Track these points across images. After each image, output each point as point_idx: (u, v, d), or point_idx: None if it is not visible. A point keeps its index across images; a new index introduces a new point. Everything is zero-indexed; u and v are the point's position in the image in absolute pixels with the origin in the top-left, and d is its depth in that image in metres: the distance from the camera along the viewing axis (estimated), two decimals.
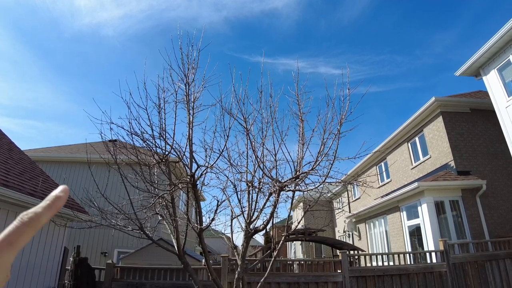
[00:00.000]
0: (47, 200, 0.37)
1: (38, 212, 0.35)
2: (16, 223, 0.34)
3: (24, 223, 0.34)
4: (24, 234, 0.33)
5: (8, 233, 0.33)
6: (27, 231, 0.34)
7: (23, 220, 0.34)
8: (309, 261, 9.14)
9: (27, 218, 0.34)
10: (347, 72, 4.77)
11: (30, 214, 0.35)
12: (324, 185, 4.90)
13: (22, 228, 0.33)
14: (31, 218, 0.34)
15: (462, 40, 50.07)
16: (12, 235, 0.33)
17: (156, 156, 4.78)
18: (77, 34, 36.33)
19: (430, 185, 11.32)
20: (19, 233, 0.33)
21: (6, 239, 0.33)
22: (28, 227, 0.34)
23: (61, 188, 0.38)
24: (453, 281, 8.48)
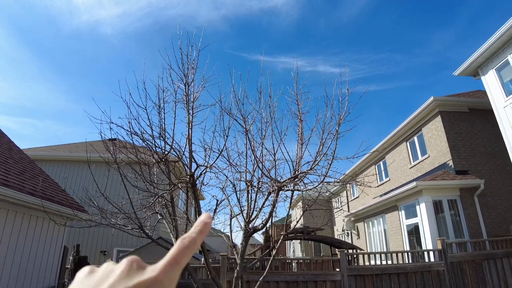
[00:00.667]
0: (197, 226, 0.41)
1: (193, 237, 0.40)
2: (179, 245, 0.38)
3: (185, 246, 0.38)
4: (185, 255, 0.38)
5: (175, 254, 0.37)
6: (187, 252, 0.38)
7: (185, 244, 0.38)
8: (308, 259, 9.18)
9: (187, 242, 0.38)
10: (346, 72, 4.81)
11: (189, 239, 0.39)
12: (323, 185, 4.93)
13: (184, 251, 0.38)
14: (190, 242, 0.39)
15: (461, 39, 50.10)
16: (178, 255, 0.37)
17: (155, 156, 4.81)
18: (75, 32, 36.26)
19: (429, 184, 11.37)
20: (182, 255, 0.37)
21: (174, 258, 0.37)
22: (188, 249, 0.38)
23: (206, 215, 0.43)
24: (451, 280, 8.53)
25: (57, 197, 8.02)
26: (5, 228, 6.48)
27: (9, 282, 6.50)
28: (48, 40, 37.16)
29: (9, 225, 6.61)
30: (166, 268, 0.36)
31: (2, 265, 6.35)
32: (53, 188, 8.58)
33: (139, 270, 0.35)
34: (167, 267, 0.36)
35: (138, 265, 0.36)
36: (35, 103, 53.16)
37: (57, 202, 7.59)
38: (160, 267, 0.36)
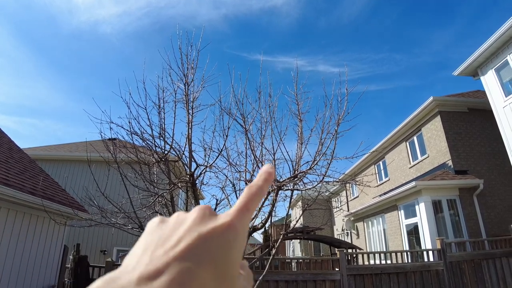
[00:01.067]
0: (262, 175, 0.41)
1: (260, 185, 0.39)
2: (248, 192, 0.38)
3: (254, 193, 0.38)
4: (254, 202, 0.37)
5: (245, 200, 0.37)
6: (256, 199, 0.37)
7: (253, 191, 0.38)
8: (308, 259, 9.21)
9: (255, 189, 0.38)
10: (346, 71, 4.83)
11: (256, 186, 0.39)
12: (322, 184, 4.95)
13: (253, 197, 0.37)
14: (258, 188, 0.38)
15: (461, 38, 50.13)
16: (248, 202, 0.37)
17: (155, 155, 4.83)
18: (75, 32, 36.26)
19: (428, 184, 11.39)
20: (252, 201, 0.37)
21: (245, 204, 0.36)
22: (256, 196, 0.38)
23: (268, 166, 0.42)
24: (450, 280, 8.55)
25: (58, 196, 8.04)
26: (5, 227, 6.50)
27: (10, 281, 6.52)
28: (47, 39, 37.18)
29: (10, 225, 6.63)
30: (238, 213, 0.35)
31: (3, 264, 6.37)
32: (53, 187, 8.60)
33: (211, 217, 0.35)
34: (239, 213, 0.35)
35: (210, 212, 0.36)
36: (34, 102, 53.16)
37: (57, 201, 7.62)
38: (233, 213, 0.35)
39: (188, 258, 0.30)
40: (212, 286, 0.30)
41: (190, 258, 0.30)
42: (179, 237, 0.32)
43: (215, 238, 0.32)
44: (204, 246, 0.31)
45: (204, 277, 0.30)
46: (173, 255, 0.30)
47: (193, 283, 0.29)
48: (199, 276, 0.29)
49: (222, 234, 0.33)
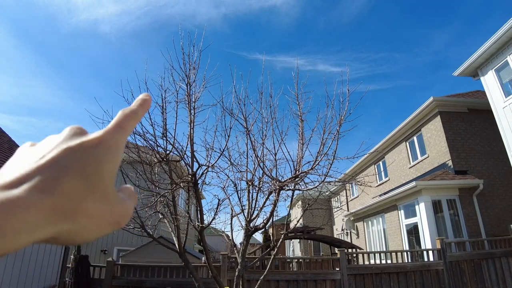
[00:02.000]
0: (138, 101, 0.41)
1: (134, 109, 0.40)
2: (121, 114, 0.38)
3: (127, 115, 0.38)
4: (129, 122, 0.38)
5: (118, 120, 0.37)
6: (130, 119, 0.38)
7: (126, 113, 0.38)
8: (308, 259, 9.23)
9: (129, 111, 0.39)
10: (347, 71, 4.84)
11: (129, 109, 0.39)
12: (323, 184, 4.97)
13: (127, 118, 0.38)
14: (132, 110, 0.39)
15: (460, 38, 50.24)
16: (122, 121, 0.37)
17: (157, 155, 4.84)
18: (74, 31, 36.28)
19: (428, 184, 11.42)
20: (126, 120, 0.37)
21: (118, 123, 0.37)
22: (131, 117, 0.38)
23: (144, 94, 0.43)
24: (450, 279, 8.58)
25: None
26: None
27: (11, 281, 6.53)
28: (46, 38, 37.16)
29: None
30: (110, 130, 0.36)
31: (4, 264, 6.38)
32: None
33: (82, 134, 0.35)
34: (112, 130, 0.36)
35: (82, 131, 0.36)
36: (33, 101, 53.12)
37: None
38: (104, 129, 0.36)
39: (54, 167, 0.30)
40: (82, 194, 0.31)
41: (56, 167, 0.30)
42: (47, 151, 0.32)
43: (84, 151, 0.32)
44: (72, 157, 0.31)
45: (73, 185, 0.30)
46: (37, 165, 0.30)
47: (58, 189, 0.29)
48: (66, 184, 0.30)
49: (91, 148, 0.33)
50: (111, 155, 0.34)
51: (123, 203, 0.36)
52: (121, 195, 0.37)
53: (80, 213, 0.30)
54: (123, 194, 0.37)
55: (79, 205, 0.30)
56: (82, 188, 0.31)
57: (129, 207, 0.37)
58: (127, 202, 0.37)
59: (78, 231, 0.31)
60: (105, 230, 0.34)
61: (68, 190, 0.30)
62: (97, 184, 0.32)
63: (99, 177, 0.32)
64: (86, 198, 0.31)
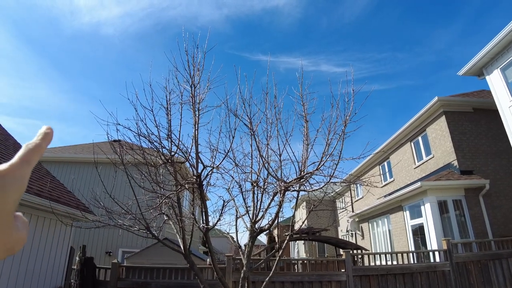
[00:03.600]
0: (40, 135, 0.44)
1: (38, 142, 0.42)
2: (25, 149, 0.41)
3: (32, 149, 0.41)
4: (33, 155, 0.41)
5: (23, 154, 0.40)
6: (34, 153, 0.41)
7: (30, 147, 0.41)
8: (313, 260, 9.19)
9: (32, 145, 0.41)
10: (351, 71, 4.82)
11: (33, 143, 0.42)
12: (329, 185, 4.95)
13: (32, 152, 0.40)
14: (35, 145, 0.42)
15: (464, 37, 49.92)
16: (27, 155, 0.40)
17: (162, 157, 4.85)
18: (77, 33, 36.52)
19: (433, 184, 11.34)
20: (31, 155, 0.40)
21: (23, 157, 0.39)
22: (34, 151, 0.41)
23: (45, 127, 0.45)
24: (457, 280, 8.51)
25: (64, 198, 8.09)
26: None
27: (17, 282, 6.56)
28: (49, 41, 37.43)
29: None
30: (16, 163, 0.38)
31: (10, 265, 6.42)
32: (60, 189, 8.65)
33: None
34: (17, 163, 0.38)
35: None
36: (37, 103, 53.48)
37: (63, 203, 7.66)
38: (10, 163, 0.38)
39: None
40: None
41: None
42: None
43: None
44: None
45: None
46: None
47: None
48: None
49: None
50: (17, 185, 0.37)
51: (19, 231, 0.39)
52: (18, 222, 0.39)
53: None
54: (20, 221, 0.40)
55: None
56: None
57: (24, 235, 0.40)
58: (24, 230, 0.40)
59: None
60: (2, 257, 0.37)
61: None
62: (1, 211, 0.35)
63: (3, 205, 0.35)
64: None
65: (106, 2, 33.69)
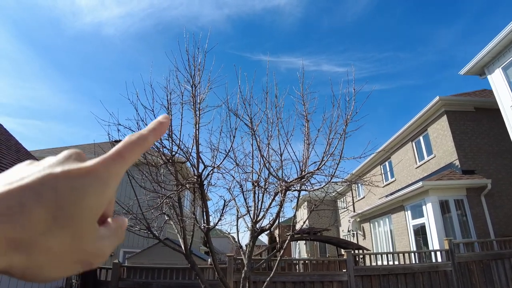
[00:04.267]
0: (152, 125, 0.38)
1: (144, 134, 0.36)
2: (126, 141, 0.35)
3: (133, 142, 0.35)
4: (133, 151, 0.34)
5: (119, 148, 0.34)
6: (136, 149, 0.35)
7: (132, 139, 0.35)
8: (314, 260, 9.17)
9: (135, 137, 0.35)
10: (352, 71, 4.81)
11: (138, 134, 0.36)
12: (330, 185, 4.94)
13: (131, 146, 0.34)
14: (139, 137, 0.35)
15: (466, 36, 49.87)
16: (124, 150, 0.34)
17: (163, 157, 4.85)
18: (78, 33, 36.66)
19: (435, 184, 11.31)
20: (129, 149, 0.34)
21: (118, 152, 0.33)
22: (137, 145, 0.35)
23: (163, 115, 0.39)
24: (458, 280, 8.48)
25: None
26: None
27: (18, 283, 6.56)
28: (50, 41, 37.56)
29: None
30: (106, 160, 0.32)
31: None
32: None
33: (77, 161, 0.32)
34: (108, 160, 0.32)
35: (77, 156, 0.33)
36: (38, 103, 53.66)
37: None
38: (100, 158, 0.32)
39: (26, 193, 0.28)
40: (48, 227, 0.28)
41: (28, 193, 0.28)
42: (31, 173, 0.30)
43: (68, 180, 0.29)
44: (51, 184, 0.29)
45: (39, 215, 0.27)
46: (9, 188, 0.28)
47: (20, 217, 0.26)
48: (31, 213, 0.27)
49: (76, 178, 0.30)
50: (99, 188, 0.31)
51: (101, 241, 0.32)
52: (104, 231, 0.33)
53: (39, 248, 0.27)
54: (108, 230, 0.33)
55: (40, 239, 0.27)
56: (49, 220, 0.28)
57: (107, 247, 0.33)
58: (108, 241, 0.33)
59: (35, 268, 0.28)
60: (72, 270, 0.30)
61: (32, 220, 0.27)
62: (71, 218, 0.29)
63: (76, 210, 0.29)
64: (51, 232, 0.28)
65: (107, 3, 33.79)
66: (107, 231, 0.33)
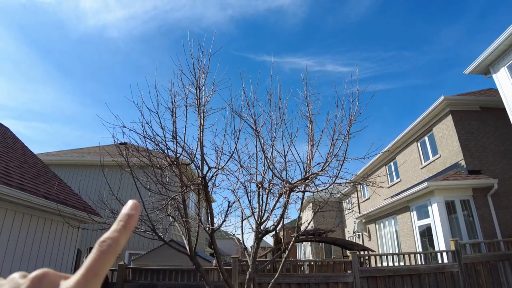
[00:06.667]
0: (120, 221, 0.35)
1: (115, 237, 0.34)
2: (96, 253, 0.32)
3: (104, 252, 0.33)
4: (106, 263, 0.33)
5: (91, 264, 0.32)
6: (106, 260, 0.33)
7: (103, 249, 0.33)
8: (320, 262, 9.15)
9: (106, 246, 0.33)
10: (356, 71, 4.80)
11: (109, 241, 0.33)
12: (334, 186, 4.93)
13: (103, 258, 0.32)
14: (110, 245, 0.33)
15: (471, 34, 49.44)
16: (96, 265, 0.32)
17: (168, 159, 4.87)
18: (82, 36, 36.90)
19: (440, 184, 11.24)
20: (102, 263, 0.32)
21: (91, 270, 0.31)
22: (109, 255, 0.33)
23: (131, 205, 0.37)
24: (465, 282, 8.41)
25: (71, 200, 8.16)
26: (20, 231, 6.62)
27: None
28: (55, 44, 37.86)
29: (25, 228, 6.75)
30: (80, 284, 0.30)
31: (18, 267, 6.48)
32: (66, 192, 8.73)
33: None
34: (82, 283, 0.30)
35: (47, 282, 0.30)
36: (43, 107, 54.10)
37: (70, 205, 7.73)
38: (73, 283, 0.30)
39: None
40: None
41: None
42: None
43: None
44: None
45: None
46: None
47: None
48: None
49: None
50: None
51: None
52: None
53: None
54: None
55: None
56: None
57: None
58: None
59: None
60: None
61: None
62: None
63: None
64: None
65: (111, 5, 34.02)
66: None
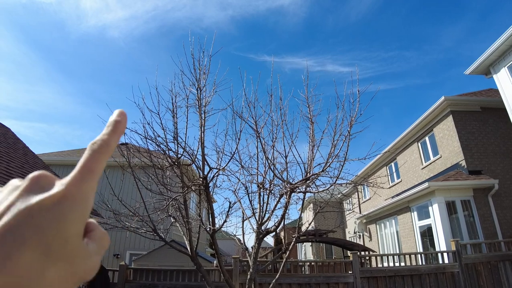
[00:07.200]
0: (109, 126, 0.35)
1: (105, 139, 0.34)
2: (89, 152, 0.32)
3: (97, 151, 0.33)
4: (99, 160, 0.32)
5: (85, 162, 0.32)
6: (102, 158, 0.33)
7: (95, 148, 0.33)
8: (320, 262, 9.16)
9: (97, 146, 0.33)
10: (356, 71, 4.81)
11: (99, 142, 0.33)
12: (335, 186, 4.94)
13: (96, 155, 0.32)
14: (101, 145, 0.33)
15: (472, 34, 49.46)
16: (89, 162, 0.32)
17: (169, 159, 4.89)
18: (83, 37, 37.01)
19: (441, 185, 11.24)
20: (95, 160, 0.32)
21: (85, 166, 0.31)
22: (102, 154, 0.33)
23: (118, 113, 0.37)
24: (466, 282, 8.41)
25: None
26: None
27: None
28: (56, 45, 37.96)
29: None
30: (76, 179, 0.30)
31: None
32: None
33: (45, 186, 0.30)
34: (77, 178, 0.30)
35: (46, 181, 0.31)
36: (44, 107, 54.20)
37: None
38: (70, 179, 0.30)
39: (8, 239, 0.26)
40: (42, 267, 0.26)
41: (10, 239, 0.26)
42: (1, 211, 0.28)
43: (44, 212, 0.28)
44: (30, 222, 0.27)
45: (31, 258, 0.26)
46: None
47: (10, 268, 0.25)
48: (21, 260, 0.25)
49: (53, 207, 0.28)
50: (78, 210, 0.30)
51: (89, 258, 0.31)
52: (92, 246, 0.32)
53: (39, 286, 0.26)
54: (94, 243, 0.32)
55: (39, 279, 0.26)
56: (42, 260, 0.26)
57: (97, 260, 0.32)
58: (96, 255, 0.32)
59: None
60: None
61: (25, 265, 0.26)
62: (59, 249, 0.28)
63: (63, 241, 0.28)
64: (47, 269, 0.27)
65: (112, 5, 34.07)
66: (94, 245, 0.32)
